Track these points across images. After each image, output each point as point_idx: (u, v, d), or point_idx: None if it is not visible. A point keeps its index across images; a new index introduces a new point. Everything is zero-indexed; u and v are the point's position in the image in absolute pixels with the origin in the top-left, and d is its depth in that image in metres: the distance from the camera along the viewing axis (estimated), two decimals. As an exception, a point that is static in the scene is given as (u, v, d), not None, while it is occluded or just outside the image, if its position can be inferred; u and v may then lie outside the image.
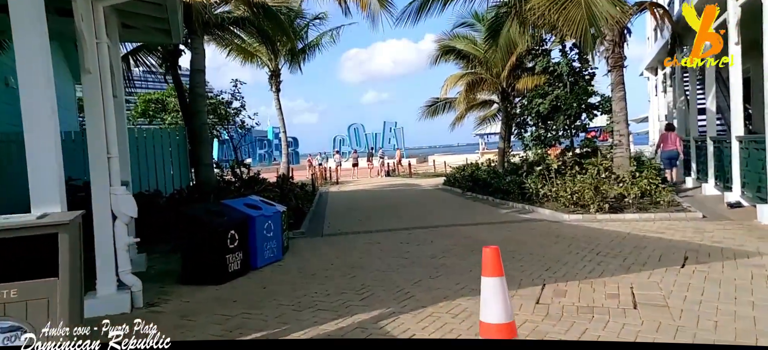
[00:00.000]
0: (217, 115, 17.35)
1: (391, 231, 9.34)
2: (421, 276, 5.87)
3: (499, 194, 13.33)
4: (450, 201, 14.08)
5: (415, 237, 8.45)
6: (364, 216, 11.64)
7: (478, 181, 15.56)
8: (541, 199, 11.48)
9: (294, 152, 46.27)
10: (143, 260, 6.94)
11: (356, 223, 10.59)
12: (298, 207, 10.71)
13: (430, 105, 21.54)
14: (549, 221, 9.32)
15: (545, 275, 5.53)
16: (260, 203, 7.39)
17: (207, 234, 6.06)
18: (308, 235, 9.37)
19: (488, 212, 11.29)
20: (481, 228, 8.97)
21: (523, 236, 7.97)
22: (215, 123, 16.99)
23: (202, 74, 9.87)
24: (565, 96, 13.12)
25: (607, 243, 6.98)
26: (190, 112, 9.90)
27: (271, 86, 21.92)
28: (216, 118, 17.04)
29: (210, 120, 17.48)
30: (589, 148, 13.40)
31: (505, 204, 12.37)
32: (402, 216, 11.26)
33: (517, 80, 16.32)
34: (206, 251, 6.03)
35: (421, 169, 34.07)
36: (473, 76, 15.88)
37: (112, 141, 5.10)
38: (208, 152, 9.76)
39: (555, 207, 10.38)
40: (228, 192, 9.67)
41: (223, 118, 15.85)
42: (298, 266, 6.76)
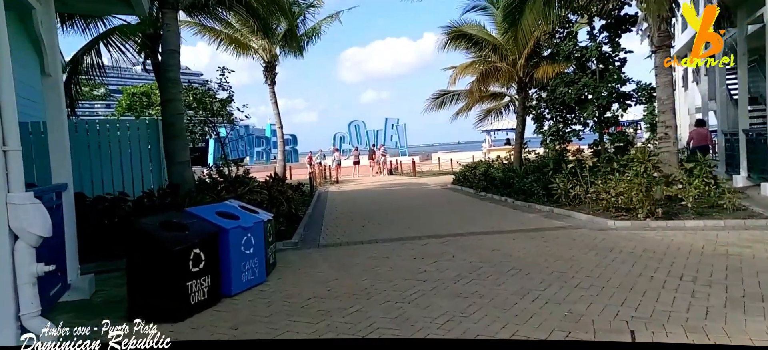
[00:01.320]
0: (202, 106, 15.78)
1: (400, 241, 7.81)
2: (448, 310, 4.34)
3: (519, 195, 11.79)
4: (463, 204, 12.54)
5: (431, 250, 6.91)
6: (367, 222, 10.10)
7: (494, 180, 14.02)
8: (572, 201, 9.94)
9: (293, 150, 44.76)
10: (88, 284, 5.42)
11: (358, 231, 9.06)
12: (291, 213, 9.19)
13: (437, 97, 19.94)
14: (590, 229, 7.77)
15: (626, 315, 3.98)
16: (238, 210, 5.86)
17: (160, 255, 4.53)
18: (302, 247, 7.83)
19: (512, 217, 9.74)
20: (510, 239, 7.43)
21: (566, 250, 6.42)
22: (204, 119, 15.43)
23: (176, 55, 8.33)
24: (593, 84, 11.57)
25: (685, 262, 5.44)
26: (162, 101, 8.36)
27: (266, 79, 20.40)
28: (203, 111, 15.47)
29: (201, 116, 15.99)
30: (621, 143, 11.86)
31: (528, 206, 10.82)
32: (411, 222, 9.72)
33: (535, 69, 14.76)
34: (159, 278, 4.50)
35: (425, 167, 32.52)
36: (487, 65, 14.32)
37: (9, 127, 3.57)
38: (183, 147, 8.21)
39: (593, 211, 8.84)
40: (211, 194, 8.14)
41: (207, 108, 14.26)
42: (284, 293, 5.23)
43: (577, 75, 12.05)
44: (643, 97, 11.24)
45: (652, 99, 11.05)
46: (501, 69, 14.22)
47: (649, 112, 10.87)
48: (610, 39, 11.94)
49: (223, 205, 5.88)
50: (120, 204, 7.62)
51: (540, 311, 4.14)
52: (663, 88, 9.37)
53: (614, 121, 11.88)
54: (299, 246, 7.89)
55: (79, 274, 5.45)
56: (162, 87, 8.29)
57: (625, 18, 11.80)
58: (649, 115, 10.84)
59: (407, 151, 41.14)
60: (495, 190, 13.51)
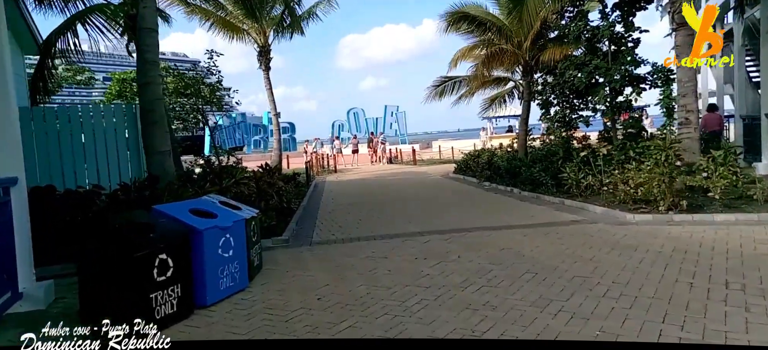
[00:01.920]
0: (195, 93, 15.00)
1: (399, 237, 7.15)
2: (456, 326, 3.69)
3: (526, 185, 11.12)
4: (467, 194, 11.87)
5: (434, 249, 6.25)
6: (364, 215, 9.44)
7: (499, 170, 13.34)
8: (583, 192, 9.28)
9: (291, 138, 44.01)
10: (45, 292, 4.76)
11: (355, 225, 8.40)
12: (282, 206, 8.52)
13: (438, 85, 19.14)
14: (607, 223, 7.10)
15: (672, 334, 3.32)
16: (217, 207, 5.18)
17: (118, 262, 3.87)
18: (292, 245, 7.17)
19: (520, 209, 9.07)
20: (520, 235, 6.77)
21: (585, 248, 5.76)
22: (196, 105, 14.67)
23: (154, 34, 7.59)
24: (605, 66, 10.82)
25: (726, 264, 4.77)
26: (139, 85, 7.63)
27: (260, 64, 19.64)
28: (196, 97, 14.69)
29: (193, 103, 15.22)
30: (633, 129, 11.14)
31: (536, 198, 10.15)
32: (412, 215, 9.06)
33: (541, 51, 13.97)
34: (117, 289, 3.84)
35: (425, 155, 31.80)
36: (492, 47, 13.55)
37: None
38: (163, 135, 7.50)
39: (607, 202, 8.17)
40: (194, 187, 7.46)
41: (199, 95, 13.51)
42: (267, 302, 4.58)
43: (588, 57, 11.29)
44: (660, 79, 10.50)
45: (669, 82, 10.30)
46: (506, 51, 13.44)
47: (665, 96, 10.10)
48: (623, 18, 11.16)
49: (200, 201, 5.20)
50: (93, 198, 6.95)
51: (566, 329, 3.49)
52: (684, 69, 8.65)
53: (628, 106, 11.16)
54: (290, 243, 7.23)
55: (34, 281, 4.79)
56: (139, 69, 7.55)
57: (640, -6, 11.06)
58: (666, 100, 10.08)
59: (407, 138, 40.37)
60: (500, 180, 12.83)
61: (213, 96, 13.78)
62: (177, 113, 15.44)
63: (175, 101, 15.01)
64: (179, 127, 16.13)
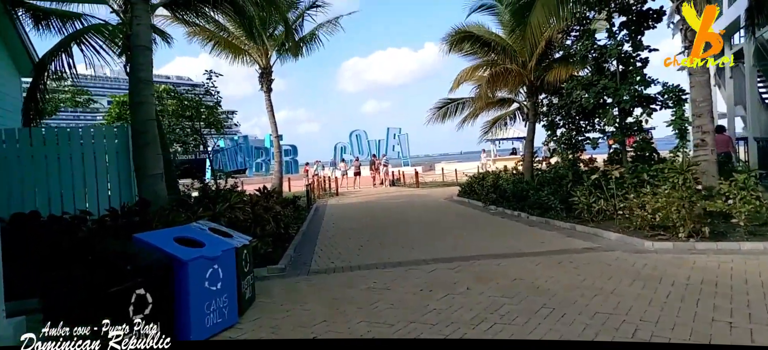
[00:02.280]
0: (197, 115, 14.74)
1: (403, 265, 6.72)
2: (468, 373, 3.25)
3: (534, 209, 10.70)
4: (473, 218, 11.43)
5: (440, 279, 5.82)
6: (366, 240, 9.01)
7: (505, 193, 12.93)
8: (595, 218, 8.86)
9: (293, 161, 43.80)
10: (14, 329, 4.33)
11: (356, 252, 7.97)
12: (280, 232, 8.12)
13: (441, 106, 18.93)
14: (624, 251, 6.66)
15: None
16: (206, 235, 4.79)
17: (88, 299, 3.47)
18: (289, 273, 6.75)
19: (529, 234, 8.64)
20: (532, 264, 6.33)
21: (604, 279, 5.32)
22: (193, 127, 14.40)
23: (148, 53, 7.32)
24: (614, 86, 10.50)
25: (764, 299, 4.33)
26: (131, 105, 7.33)
27: (262, 85, 19.40)
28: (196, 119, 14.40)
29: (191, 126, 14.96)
30: (644, 152, 10.76)
31: (545, 222, 9.73)
32: (416, 241, 8.63)
33: (547, 71, 13.72)
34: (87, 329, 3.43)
35: (428, 177, 31.44)
36: (496, 68, 13.29)
37: None
38: (156, 158, 7.16)
39: (622, 228, 7.74)
40: (187, 212, 7.08)
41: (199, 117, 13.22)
42: (257, 342, 4.14)
43: (595, 77, 10.99)
44: (671, 99, 10.18)
45: (681, 102, 9.97)
46: (511, 71, 13.18)
47: (677, 117, 9.76)
48: (631, 37, 10.90)
49: (188, 229, 4.82)
50: (79, 225, 6.56)
51: (595, 379, 3.05)
52: (699, 88, 8.31)
53: (638, 128, 10.82)
54: (286, 272, 6.81)
55: (3, 317, 4.37)
56: (132, 88, 7.26)
57: (648, 13, 10.79)
58: (678, 121, 9.73)
59: (410, 161, 40.08)
60: (506, 203, 12.42)
61: (211, 116, 13.48)
62: (178, 135, 15.19)
63: (176, 123, 14.77)
64: (178, 149, 15.86)
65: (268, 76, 19.36)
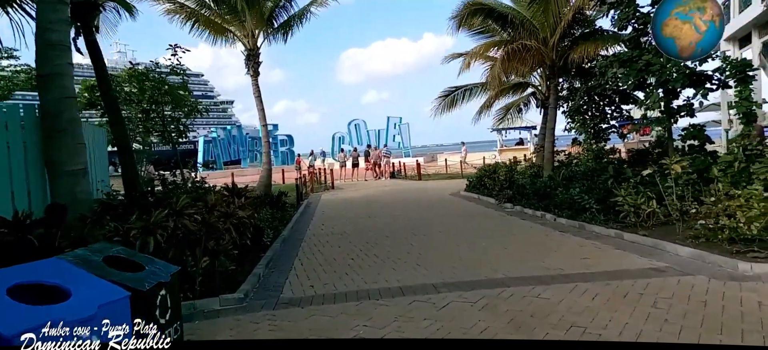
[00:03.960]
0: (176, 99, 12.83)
1: (405, 294, 4.93)
2: None
3: (562, 210, 8.88)
4: (488, 221, 9.61)
5: (458, 321, 4.04)
6: (358, 252, 7.21)
7: (523, 189, 11.10)
8: (644, 222, 7.05)
9: (289, 151, 41.97)
10: None
11: (344, 269, 6.17)
12: (245, 244, 6.32)
13: (447, 94, 17.08)
14: (710, 275, 4.85)
15: None
16: (82, 275, 2.97)
17: None
18: (251, 305, 4.96)
19: (564, 246, 6.82)
20: (583, 294, 4.53)
21: (710, 331, 3.52)
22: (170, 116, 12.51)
23: (63, 8, 5.46)
24: (659, 63, 8.64)
25: None
26: (38, 78, 5.47)
27: (248, 69, 17.54)
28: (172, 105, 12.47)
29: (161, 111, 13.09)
30: (696, 141, 8.93)
31: (579, 227, 7.91)
32: (421, 253, 6.83)
33: (571, 48, 11.83)
34: None
35: (430, 169, 29.60)
36: (513, 44, 11.36)
37: None
38: (74, 150, 5.36)
39: (692, 240, 5.92)
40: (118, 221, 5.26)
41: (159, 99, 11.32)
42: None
43: (636, 53, 9.13)
44: (733, 76, 8.32)
45: (748, 80, 8.11)
46: (530, 48, 11.28)
47: (743, 98, 7.90)
48: (681, 3, 9.05)
49: (51, 265, 2.98)
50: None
51: None
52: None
53: (689, 111, 8.98)
54: (246, 303, 5.01)
55: None
56: (39, 56, 5.39)
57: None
58: (744, 103, 7.88)
59: (411, 151, 38.20)
60: (525, 201, 10.60)
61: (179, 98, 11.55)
62: (155, 123, 13.32)
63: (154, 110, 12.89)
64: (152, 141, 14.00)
65: (255, 59, 17.49)
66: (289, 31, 17.45)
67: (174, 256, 5.02)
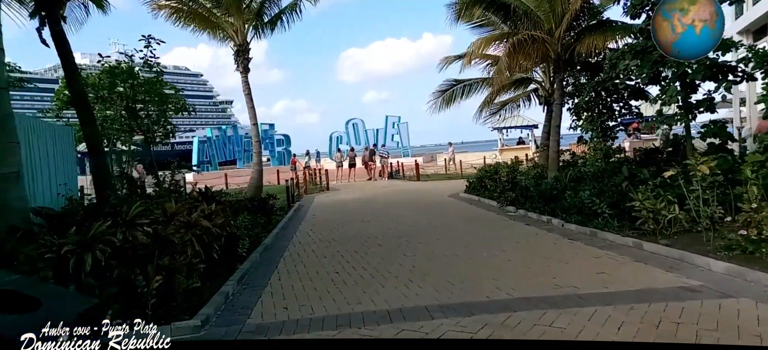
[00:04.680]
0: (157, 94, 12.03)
1: (393, 320, 4.17)
2: None
3: (571, 215, 8.10)
4: (490, 226, 8.83)
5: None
6: (345, 263, 6.44)
7: (527, 191, 10.32)
8: (665, 230, 6.28)
9: (286, 151, 41.12)
10: None
11: (326, 286, 5.39)
12: (217, 257, 5.55)
13: (446, 89, 16.28)
14: (754, 298, 4.08)
15: None
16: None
17: None
18: (211, 332, 4.20)
19: (577, 257, 6.04)
20: (606, 322, 3.76)
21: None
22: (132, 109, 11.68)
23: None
24: (677, 53, 7.86)
25: None
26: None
27: (238, 65, 16.77)
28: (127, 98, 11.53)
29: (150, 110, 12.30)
30: (717, 139, 8.17)
31: (591, 235, 7.14)
32: (415, 265, 6.05)
33: (578, 41, 11.05)
34: None
35: (430, 169, 28.83)
36: (519, 36, 10.56)
37: None
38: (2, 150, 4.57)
39: (724, 252, 5.15)
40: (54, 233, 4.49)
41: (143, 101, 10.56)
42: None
43: (650, 43, 8.37)
44: (760, 66, 7.54)
45: (776, 70, 7.35)
46: (536, 39, 10.48)
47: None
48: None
49: None
50: None
51: None
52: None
53: (708, 106, 8.20)
54: (205, 330, 4.24)
55: None
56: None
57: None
58: (767, 97, 7.11)
59: (410, 151, 37.37)
60: (529, 205, 9.82)
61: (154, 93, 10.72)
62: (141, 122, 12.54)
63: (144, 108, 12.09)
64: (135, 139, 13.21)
65: (245, 55, 16.73)
66: (278, 24, 16.66)
67: (120, 276, 4.26)
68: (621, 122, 12.85)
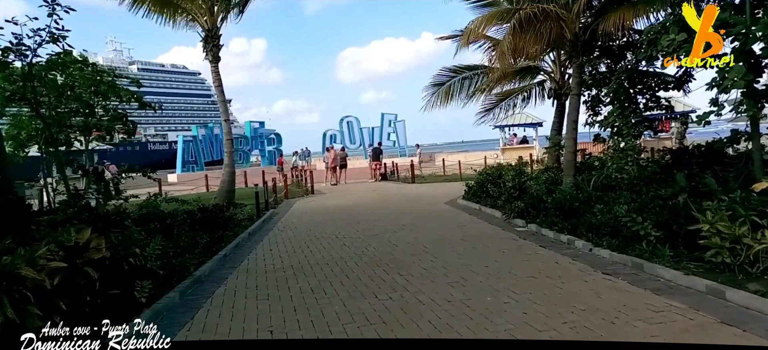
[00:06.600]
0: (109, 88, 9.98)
1: None
2: None
3: (602, 236, 6.14)
4: (492, 249, 6.85)
5: None
6: (287, 321, 4.49)
7: (539, 201, 8.36)
8: (751, 268, 4.33)
9: (276, 150, 39.15)
10: None
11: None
12: (96, 304, 3.61)
13: (442, 82, 14.30)
14: None
15: None
16: None
17: None
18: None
19: (621, 311, 4.07)
20: None
21: None
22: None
23: None
24: (743, 22, 5.95)
25: None
26: None
27: (206, 53, 14.81)
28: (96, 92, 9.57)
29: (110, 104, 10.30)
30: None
31: (635, 269, 5.18)
32: (402, 310, 4.09)
33: (601, 17, 9.07)
34: None
35: (426, 169, 26.88)
36: (526, 9, 8.59)
37: None
38: None
39: None
40: None
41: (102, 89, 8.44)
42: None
43: (700, 12, 6.42)
44: None
45: None
46: (549, 15, 8.53)
47: None
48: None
49: None
50: None
51: None
52: None
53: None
54: None
55: None
56: None
57: None
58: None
59: (407, 151, 35.34)
60: (543, 218, 7.86)
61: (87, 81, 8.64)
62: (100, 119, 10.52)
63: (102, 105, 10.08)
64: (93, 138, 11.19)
65: (214, 41, 14.76)
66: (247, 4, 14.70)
67: None
68: (650, 117, 10.96)
